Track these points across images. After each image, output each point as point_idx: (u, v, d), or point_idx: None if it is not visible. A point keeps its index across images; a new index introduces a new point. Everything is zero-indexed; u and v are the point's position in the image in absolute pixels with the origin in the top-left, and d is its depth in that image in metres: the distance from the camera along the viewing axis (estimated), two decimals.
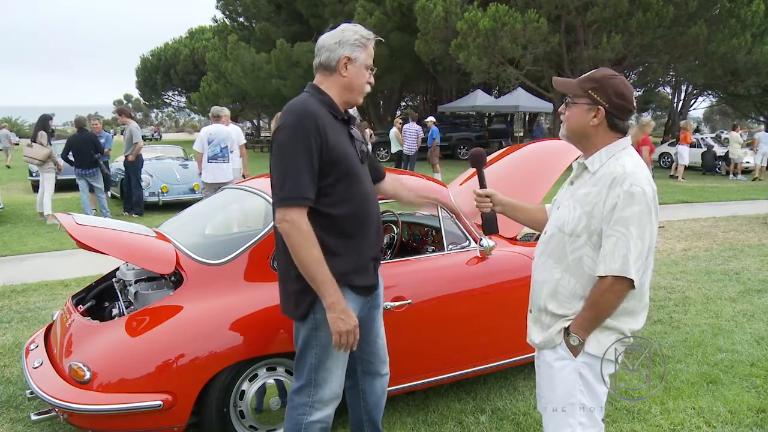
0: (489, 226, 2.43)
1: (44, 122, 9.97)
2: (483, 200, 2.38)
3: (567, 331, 2.03)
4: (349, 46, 2.27)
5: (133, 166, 10.41)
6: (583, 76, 2.08)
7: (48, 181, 9.75)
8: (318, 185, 2.18)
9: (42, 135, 9.61)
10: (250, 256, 2.99)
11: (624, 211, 1.91)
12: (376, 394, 2.65)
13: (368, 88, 2.37)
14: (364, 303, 2.40)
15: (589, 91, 2.01)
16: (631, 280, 1.91)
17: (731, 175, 18.70)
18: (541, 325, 2.13)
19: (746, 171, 18.98)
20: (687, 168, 18.04)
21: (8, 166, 22.15)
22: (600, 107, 2.01)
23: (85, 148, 9.67)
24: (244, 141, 9.08)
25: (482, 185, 2.43)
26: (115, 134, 12.69)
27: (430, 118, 16.65)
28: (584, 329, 2.00)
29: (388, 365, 2.65)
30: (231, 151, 8.31)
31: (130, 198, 10.50)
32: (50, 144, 9.78)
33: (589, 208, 1.99)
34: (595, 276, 1.97)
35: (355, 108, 2.67)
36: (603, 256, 1.94)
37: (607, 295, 1.95)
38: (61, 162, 9.82)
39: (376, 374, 2.62)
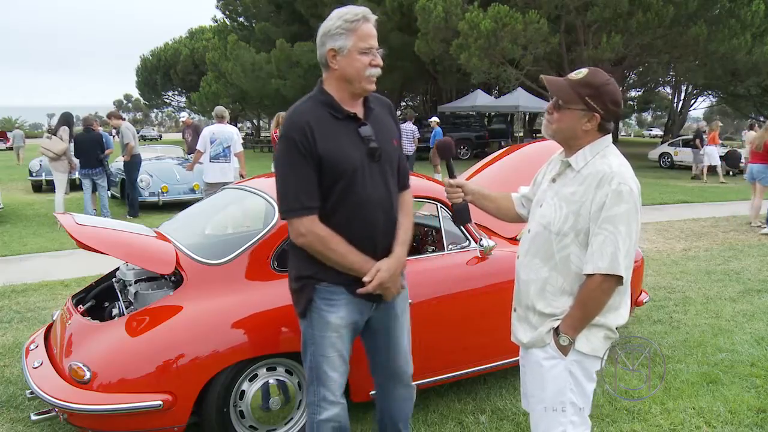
0: (461, 216, 2.42)
1: (68, 119, 9.85)
2: (454, 190, 2.38)
3: (556, 331, 2.04)
4: (331, 37, 2.16)
5: (128, 166, 10.43)
6: (576, 78, 2.03)
7: (61, 181, 9.65)
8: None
9: (64, 130, 9.50)
10: (249, 256, 2.99)
11: (612, 210, 1.92)
12: (397, 396, 2.60)
13: (374, 71, 2.19)
14: (364, 306, 2.35)
15: (586, 98, 1.99)
16: (620, 277, 1.93)
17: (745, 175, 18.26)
18: (529, 324, 2.13)
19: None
20: (687, 168, 17.99)
21: (18, 164, 23.16)
22: (596, 114, 2.00)
23: (91, 147, 9.65)
24: (240, 142, 9.06)
25: (451, 175, 2.43)
26: (111, 134, 12.57)
27: (434, 119, 16.58)
28: (574, 328, 2.01)
29: (408, 377, 2.58)
30: (234, 152, 8.31)
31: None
32: (71, 141, 9.64)
33: (576, 207, 1.99)
34: (583, 274, 1.99)
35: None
36: (590, 255, 1.95)
37: (596, 293, 1.96)
38: (75, 161, 9.73)
39: (398, 379, 2.57)
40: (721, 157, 20.03)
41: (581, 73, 2.04)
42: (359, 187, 2.20)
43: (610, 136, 2.09)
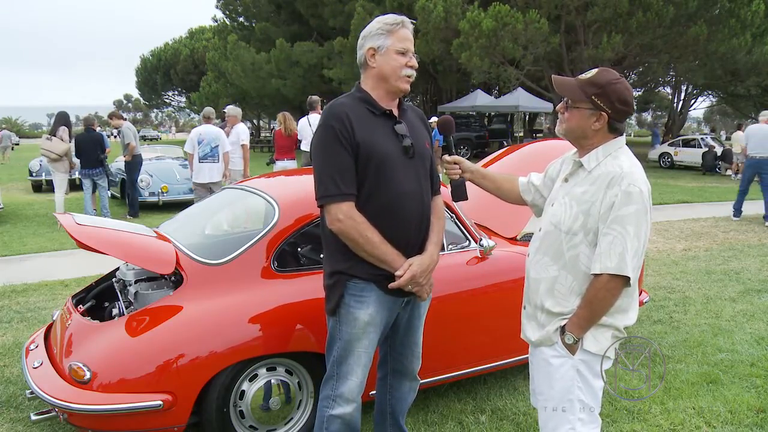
0: (458, 192, 2.46)
1: (65, 119, 9.84)
2: (451, 167, 2.43)
3: (563, 329, 2.04)
4: (371, 37, 2.28)
5: (128, 166, 10.45)
6: (585, 77, 2.05)
7: (61, 180, 9.66)
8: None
9: (64, 130, 9.49)
10: (250, 256, 2.99)
11: (621, 210, 1.93)
12: (402, 391, 2.68)
13: (408, 72, 2.28)
14: (394, 304, 2.38)
15: (593, 97, 2.00)
16: (627, 278, 1.93)
17: (733, 175, 18.48)
18: (537, 322, 2.14)
19: None
20: (687, 168, 17.94)
21: (2, 163, 23.84)
22: (603, 113, 2.01)
23: (91, 148, 9.64)
24: (247, 141, 8.99)
25: (450, 152, 2.47)
26: (109, 135, 12.57)
27: (434, 119, 16.59)
28: (580, 328, 2.01)
29: (416, 372, 2.65)
30: (230, 151, 8.32)
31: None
32: (70, 141, 9.64)
33: (587, 206, 2.00)
34: (590, 273, 1.99)
35: None
36: (599, 255, 1.95)
37: (602, 293, 1.96)
38: (75, 161, 9.72)
39: (405, 375, 2.64)
40: (718, 155, 20.04)
41: (591, 72, 2.06)
42: (393, 179, 2.26)
43: (623, 137, 2.09)
